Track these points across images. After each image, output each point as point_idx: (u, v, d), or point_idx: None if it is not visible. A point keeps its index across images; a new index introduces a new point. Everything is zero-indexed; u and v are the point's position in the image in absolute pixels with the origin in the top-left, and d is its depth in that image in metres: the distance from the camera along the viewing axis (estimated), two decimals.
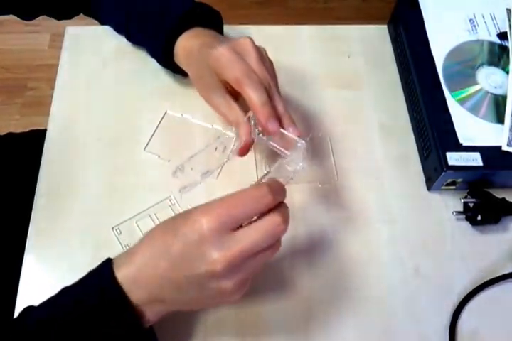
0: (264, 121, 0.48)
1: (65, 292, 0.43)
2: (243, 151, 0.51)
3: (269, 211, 0.41)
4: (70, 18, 0.71)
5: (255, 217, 0.41)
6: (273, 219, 0.41)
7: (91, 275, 0.43)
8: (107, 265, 0.42)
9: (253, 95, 0.48)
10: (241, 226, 0.40)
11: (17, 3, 0.66)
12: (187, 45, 0.56)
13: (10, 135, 0.80)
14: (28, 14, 0.69)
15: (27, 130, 0.81)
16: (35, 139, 0.61)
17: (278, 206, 0.42)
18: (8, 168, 0.73)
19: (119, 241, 0.54)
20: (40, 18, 0.70)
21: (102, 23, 0.70)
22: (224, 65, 0.50)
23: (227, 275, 0.40)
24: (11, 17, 0.67)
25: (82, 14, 0.71)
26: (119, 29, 0.67)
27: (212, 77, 0.52)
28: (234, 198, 0.41)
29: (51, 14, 0.70)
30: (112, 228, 0.54)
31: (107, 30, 0.69)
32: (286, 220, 0.41)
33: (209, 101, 0.55)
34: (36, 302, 0.43)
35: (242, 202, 0.40)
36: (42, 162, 0.59)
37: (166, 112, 0.62)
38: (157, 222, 0.50)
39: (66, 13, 0.70)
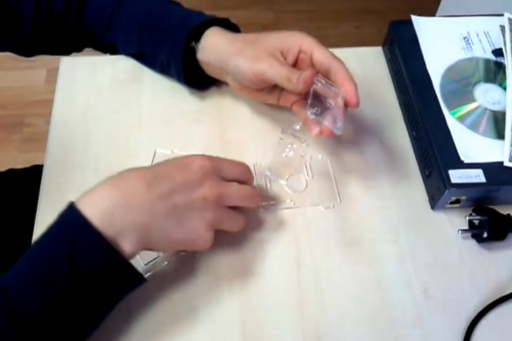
0: (355, 92, 0.53)
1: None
2: (308, 81, 0.53)
3: None
4: (68, 54, 0.72)
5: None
6: (253, 189, 0.54)
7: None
8: (71, 208, 0.45)
9: (346, 70, 0.54)
10: None
11: (17, 41, 0.67)
12: (222, 36, 0.59)
13: (11, 171, 0.80)
14: (27, 52, 0.70)
15: (29, 166, 0.80)
16: (37, 174, 0.61)
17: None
18: (9, 204, 0.72)
19: None
20: None
21: (113, 47, 0.68)
22: (315, 45, 0.55)
23: (213, 207, 0.48)
24: (7, 53, 0.68)
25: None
26: (130, 43, 0.65)
27: (274, 54, 0.56)
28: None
29: (50, 52, 0.70)
30: None
31: (101, 60, 0.69)
32: (258, 197, 0.54)
33: (266, 72, 0.55)
34: None
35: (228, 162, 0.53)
36: (40, 197, 0.58)
37: (155, 152, 0.61)
38: None
39: (66, 50, 0.71)
